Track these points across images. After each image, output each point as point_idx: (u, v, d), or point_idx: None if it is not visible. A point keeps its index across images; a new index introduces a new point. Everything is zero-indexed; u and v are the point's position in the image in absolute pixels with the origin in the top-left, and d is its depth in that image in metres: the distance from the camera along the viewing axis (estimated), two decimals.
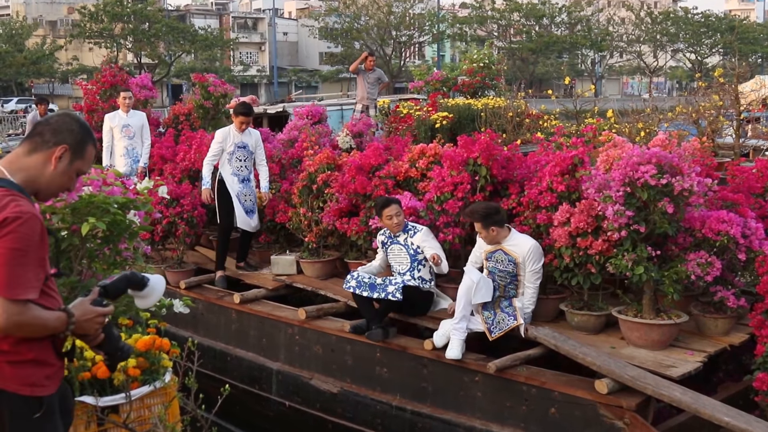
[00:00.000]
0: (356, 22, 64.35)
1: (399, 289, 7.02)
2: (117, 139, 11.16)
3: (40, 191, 3.11)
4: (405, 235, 7.34)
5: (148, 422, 4.42)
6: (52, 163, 3.05)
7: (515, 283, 6.77)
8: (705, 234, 6.32)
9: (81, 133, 3.12)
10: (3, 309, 2.80)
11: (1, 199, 2.85)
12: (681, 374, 5.70)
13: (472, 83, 17.08)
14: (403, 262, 7.37)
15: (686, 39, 69.06)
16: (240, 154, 9.09)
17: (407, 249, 7.31)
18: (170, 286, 9.07)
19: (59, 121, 3.11)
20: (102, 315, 3.14)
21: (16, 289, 2.80)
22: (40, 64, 58.47)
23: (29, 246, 2.83)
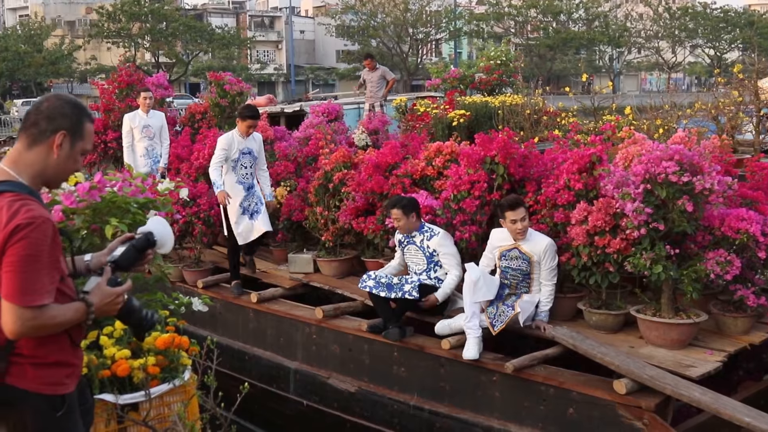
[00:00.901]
0: (373, 20, 64.39)
1: (416, 287, 7.00)
2: (137, 140, 11.18)
3: (50, 181, 3.10)
4: (421, 236, 7.30)
5: (167, 420, 4.43)
6: (54, 152, 3.02)
7: (527, 281, 6.75)
8: (724, 232, 6.26)
9: (75, 113, 3.07)
10: (17, 316, 2.81)
11: (12, 205, 2.83)
12: (700, 374, 5.64)
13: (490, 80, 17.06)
14: (419, 262, 7.34)
15: (705, 34, 68.67)
16: (245, 160, 8.77)
17: (423, 251, 7.28)
18: (188, 285, 9.11)
19: (50, 106, 3.05)
20: (120, 294, 3.15)
21: (30, 295, 2.81)
22: (58, 64, 58.81)
23: (41, 251, 2.82)
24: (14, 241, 2.78)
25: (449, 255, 7.19)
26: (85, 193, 4.74)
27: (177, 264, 9.34)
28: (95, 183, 4.84)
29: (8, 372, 2.95)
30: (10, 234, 2.78)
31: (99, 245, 4.75)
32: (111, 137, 13.30)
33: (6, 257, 2.79)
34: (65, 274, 3.05)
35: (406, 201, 7.33)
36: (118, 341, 4.56)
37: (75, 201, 4.70)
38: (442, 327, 6.83)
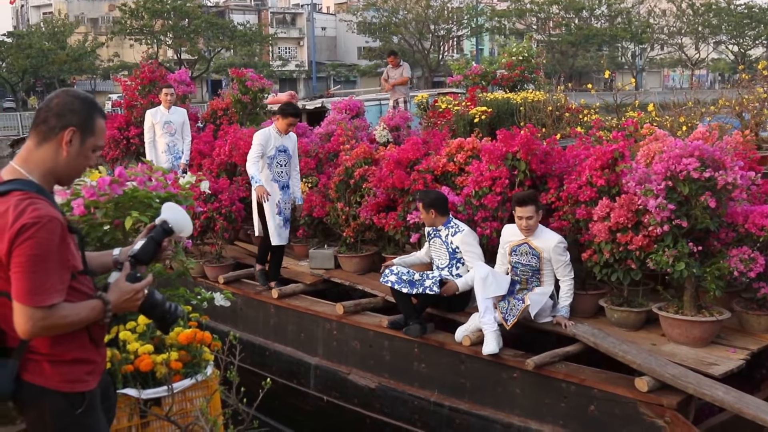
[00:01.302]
0: (394, 17, 64.37)
1: (436, 282, 6.98)
2: (158, 136, 11.22)
3: (61, 178, 3.07)
4: (447, 231, 7.29)
5: (189, 415, 4.43)
6: (64, 150, 2.99)
7: (537, 277, 6.74)
8: (748, 229, 6.21)
9: (84, 109, 3.03)
10: (28, 316, 2.81)
11: (19, 204, 2.81)
12: (723, 372, 5.60)
13: (511, 77, 16.97)
14: (442, 257, 7.33)
15: (729, 30, 68.16)
16: (281, 158, 8.60)
17: (447, 246, 7.27)
18: (209, 281, 9.13)
19: (60, 102, 3.01)
20: (140, 290, 3.13)
21: (40, 295, 2.80)
22: (81, 61, 59.15)
23: (49, 250, 2.81)
24: (21, 241, 2.76)
25: (472, 253, 7.17)
26: (106, 186, 4.75)
27: (198, 260, 9.37)
28: (116, 177, 4.85)
29: (26, 369, 2.96)
30: (16, 234, 2.76)
31: (121, 239, 4.77)
32: (133, 133, 13.36)
33: (14, 258, 2.78)
34: (77, 271, 3.02)
35: (427, 197, 7.31)
36: (141, 336, 4.58)
37: (96, 194, 4.71)
38: (460, 334, 6.80)
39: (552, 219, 7.13)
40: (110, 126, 13.53)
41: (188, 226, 3.41)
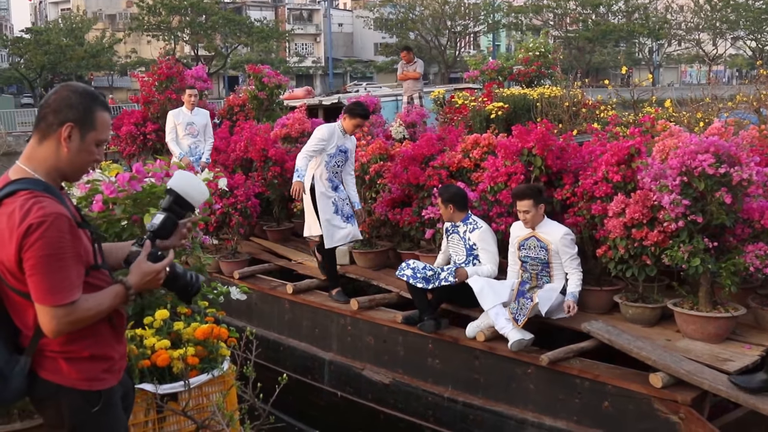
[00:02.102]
0: (411, 13, 64.32)
1: (452, 272, 6.99)
2: (180, 137, 11.12)
3: (66, 175, 3.02)
4: (465, 227, 7.30)
5: (206, 410, 4.44)
6: (63, 146, 2.93)
7: (547, 270, 6.75)
8: (764, 225, 6.17)
9: (83, 103, 2.95)
10: (52, 316, 2.80)
11: (24, 204, 2.79)
12: (738, 368, 5.57)
13: (528, 72, 16.96)
14: (459, 253, 7.34)
15: (746, 26, 67.62)
16: (339, 158, 8.06)
17: (464, 242, 7.27)
18: (225, 276, 9.16)
19: (57, 98, 2.95)
20: (162, 270, 3.07)
21: (60, 294, 2.79)
22: (99, 57, 59.35)
23: (62, 248, 2.79)
24: (31, 243, 2.75)
25: (487, 251, 7.16)
26: (125, 183, 4.78)
27: (214, 255, 9.40)
28: (135, 173, 4.88)
29: (42, 366, 2.96)
30: (24, 235, 2.75)
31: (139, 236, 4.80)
32: (150, 129, 13.43)
33: (27, 261, 2.77)
34: (91, 266, 2.98)
35: (447, 192, 7.33)
36: (158, 332, 4.60)
37: (115, 191, 4.73)
38: (471, 330, 6.80)
39: (567, 215, 7.12)
40: (127, 122, 13.60)
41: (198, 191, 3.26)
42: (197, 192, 3.24)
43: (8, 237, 2.79)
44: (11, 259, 2.80)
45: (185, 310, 5.01)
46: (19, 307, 2.92)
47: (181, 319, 4.83)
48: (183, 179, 3.23)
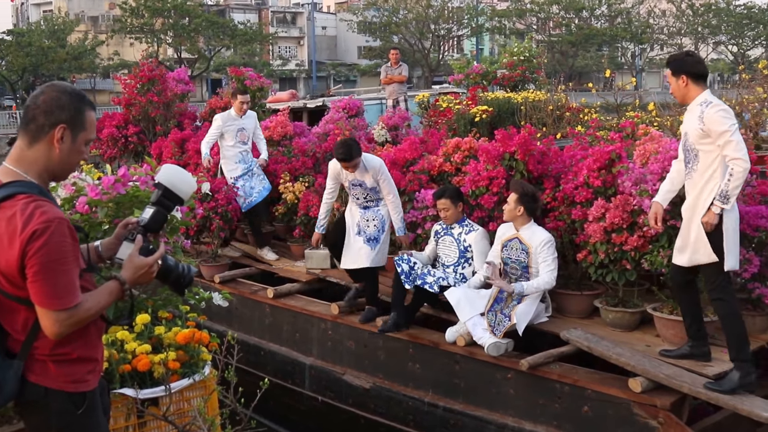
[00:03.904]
0: (395, 16, 64.30)
1: (438, 282, 6.99)
2: (230, 145, 9.94)
3: (56, 175, 3.03)
4: (460, 229, 7.29)
5: (187, 415, 4.44)
6: (56, 147, 2.94)
7: (526, 276, 6.75)
8: (743, 230, 6.21)
9: (73, 103, 2.96)
10: (55, 319, 2.82)
11: (26, 208, 2.80)
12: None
13: (512, 76, 17.00)
14: (450, 255, 7.32)
15: (728, 31, 68.03)
16: (358, 191, 7.69)
17: (458, 244, 7.27)
18: (205, 280, 9.13)
19: (47, 99, 2.94)
20: (154, 263, 3.11)
21: (64, 298, 2.82)
22: (81, 60, 58.99)
23: (65, 252, 2.81)
24: (36, 249, 2.75)
25: (482, 255, 7.16)
26: (109, 186, 4.76)
27: (194, 259, 9.35)
28: (119, 177, 4.86)
29: (31, 370, 2.95)
30: (28, 240, 2.75)
31: None
32: (132, 132, 13.34)
33: (31, 267, 2.77)
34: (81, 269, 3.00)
35: (452, 189, 7.33)
36: (139, 336, 4.59)
37: (100, 193, 4.72)
38: (451, 335, 6.81)
39: (548, 219, 7.13)
40: (108, 124, 13.52)
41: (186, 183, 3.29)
42: (186, 185, 3.27)
43: (8, 242, 2.80)
44: (12, 265, 2.80)
45: (166, 314, 5.01)
46: (8, 311, 2.92)
47: (162, 324, 4.82)
48: (171, 173, 3.26)
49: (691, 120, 5.44)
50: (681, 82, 5.51)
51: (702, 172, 5.40)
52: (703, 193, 5.38)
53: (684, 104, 5.61)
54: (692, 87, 5.49)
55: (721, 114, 5.27)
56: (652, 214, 5.79)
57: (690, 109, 5.49)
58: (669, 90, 5.83)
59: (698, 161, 5.41)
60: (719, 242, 5.34)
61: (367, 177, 7.53)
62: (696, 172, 5.44)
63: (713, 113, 5.27)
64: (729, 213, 5.32)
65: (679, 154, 5.75)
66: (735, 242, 5.42)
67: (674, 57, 5.73)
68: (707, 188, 5.34)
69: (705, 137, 5.33)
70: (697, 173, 5.43)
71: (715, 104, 5.35)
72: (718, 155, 5.29)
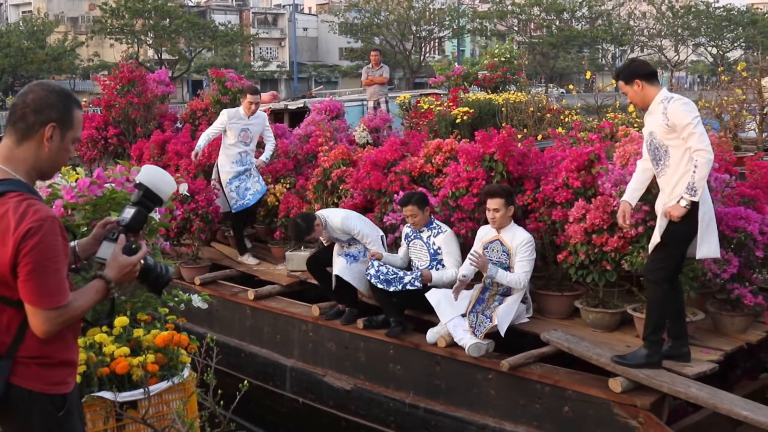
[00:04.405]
0: (376, 18, 64.35)
1: (417, 277, 6.99)
2: (231, 143, 9.66)
3: (44, 173, 3.04)
4: (429, 232, 7.30)
5: (166, 418, 4.42)
6: (45, 146, 2.94)
7: None
8: (722, 231, 6.24)
9: (62, 102, 2.97)
10: (46, 318, 2.82)
11: (18, 206, 2.79)
12: (696, 373, 5.63)
13: (493, 78, 17.03)
14: (422, 258, 7.33)
15: (708, 33, 68.50)
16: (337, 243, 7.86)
17: (428, 247, 7.27)
18: (185, 282, 9.10)
19: (36, 98, 2.93)
20: (137, 262, 3.12)
21: (56, 297, 2.81)
22: (61, 61, 58.70)
23: (57, 251, 2.81)
24: (30, 247, 2.75)
25: (451, 255, 7.19)
26: (85, 188, 4.74)
27: (175, 261, 9.32)
28: (95, 179, 4.84)
29: (15, 373, 2.93)
30: (22, 238, 2.75)
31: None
32: (111, 133, 13.26)
33: (25, 265, 2.77)
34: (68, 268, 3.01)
35: (418, 196, 7.32)
36: (117, 339, 4.56)
37: (76, 196, 4.69)
38: (432, 336, 6.81)
39: (528, 220, 7.14)
40: (88, 126, 13.43)
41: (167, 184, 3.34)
42: (166, 185, 3.32)
43: (0, 241, 2.79)
44: (3, 263, 2.80)
45: (145, 317, 4.98)
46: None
47: (140, 326, 4.79)
48: (152, 173, 3.30)
49: (655, 118, 5.55)
50: (637, 87, 5.63)
51: (675, 167, 5.47)
52: (677, 188, 5.45)
53: (645, 108, 5.70)
54: (648, 88, 5.60)
55: (683, 107, 5.38)
56: (621, 213, 5.88)
57: (651, 110, 5.59)
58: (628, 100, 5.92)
59: (669, 157, 5.49)
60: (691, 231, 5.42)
61: (339, 234, 7.66)
62: (669, 167, 5.52)
63: (676, 107, 5.38)
64: (702, 203, 5.39)
65: (643, 154, 5.83)
66: (710, 231, 5.51)
67: (621, 68, 5.91)
68: (682, 182, 5.40)
69: (671, 132, 5.42)
70: (670, 169, 5.50)
71: (676, 98, 5.48)
72: (687, 149, 5.35)
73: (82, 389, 4.21)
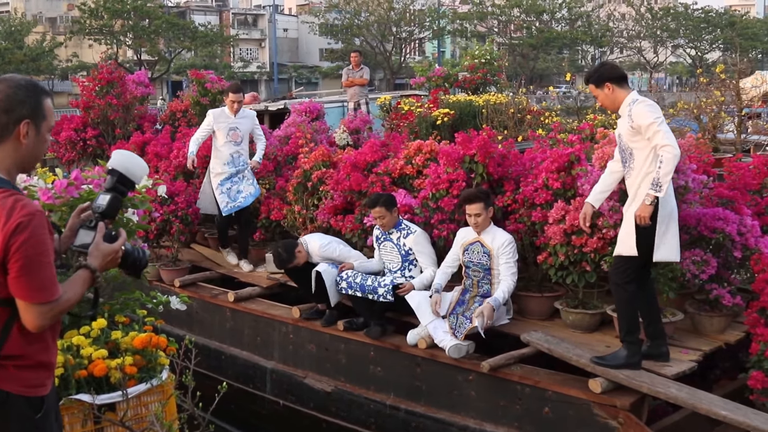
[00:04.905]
0: (356, 18, 64.44)
1: (389, 291, 7.00)
2: (221, 144, 9.35)
3: (25, 167, 3.03)
4: (398, 233, 7.30)
5: (144, 420, 4.41)
6: (22, 144, 2.92)
7: (488, 278, 6.78)
8: (701, 232, 6.29)
9: (31, 96, 2.93)
10: (39, 312, 2.81)
11: (5, 202, 2.78)
12: (676, 373, 5.66)
13: (474, 79, 17.06)
14: (393, 260, 7.33)
15: (686, 35, 69.09)
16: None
17: (399, 248, 7.27)
18: (165, 284, 9.05)
19: (4, 96, 2.88)
20: (119, 248, 3.12)
21: (47, 290, 2.80)
22: (39, 61, 58.36)
23: (46, 244, 2.80)
24: (20, 243, 2.73)
25: (424, 254, 7.20)
26: (62, 190, 4.70)
27: (154, 263, 9.28)
28: (72, 180, 4.80)
29: None
30: (12, 233, 2.73)
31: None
32: (90, 135, 13.20)
33: (16, 261, 2.75)
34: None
35: (385, 197, 7.33)
36: (95, 341, 4.53)
37: (52, 197, 4.66)
38: (412, 337, 6.81)
39: (508, 222, 7.15)
40: (67, 127, 13.37)
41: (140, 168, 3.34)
42: (138, 168, 3.32)
43: None
44: None
45: (123, 319, 4.96)
46: None
47: (119, 328, 4.77)
48: (123, 158, 3.30)
49: (622, 121, 5.63)
50: (607, 90, 5.69)
51: (639, 169, 5.54)
52: (640, 190, 5.51)
53: (616, 111, 5.77)
54: (618, 91, 5.66)
55: (647, 108, 5.44)
56: (582, 214, 5.93)
57: (620, 112, 5.67)
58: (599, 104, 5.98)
59: (633, 159, 5.57)
60: (651, 233, 5.47)
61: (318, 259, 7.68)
62: (633, 170, 5.59)
63: (640, 108, 5.45)
64: (662, 207, 5.44)
65: (615, 155, 5.89)
66: (670, 233, 5.55)
67: (591, 72, 5.94)
68: (644, 184, 5.47)
69: (636, 134, 5.48)
70: (635, 171, 5.58)
71: (641, 101, 5.54)
72: (651, 151, 5.40)
73: (60, 392, 4.19)
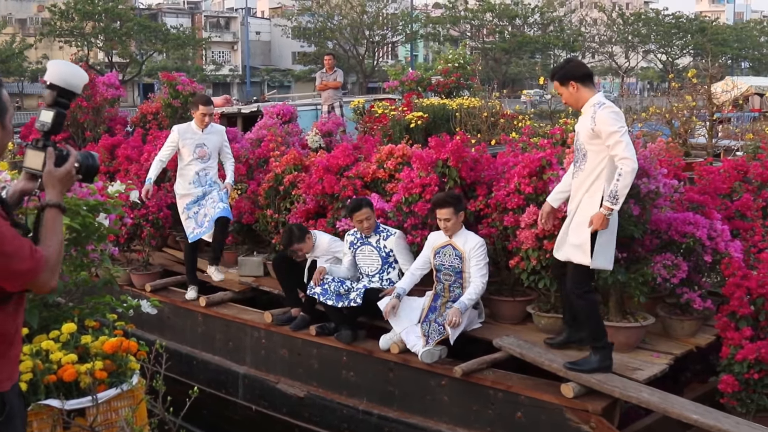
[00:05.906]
0: (329, 22, 64.44)
1: (360, 294, 6.98)
2: (186, 162, 8.55)
3: None
4: (377, 236, 7.29)
5: (115, 425, 4.39)
6: None
7: (460, 281, 6.79)
8: (671, 236, 6.33)
9: None
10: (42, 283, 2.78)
11: None
12: (647, 377, 5.70)
13: (447, 83, 17.11)
14: (373, 264, 7.32)
15: (657, 40, 69.75)
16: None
17: (379, 251, 7.26)
18: (136, 289, 8.98)
19: None
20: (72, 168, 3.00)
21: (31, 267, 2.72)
22: (9, 63, 57.87)
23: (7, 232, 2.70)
24: None
25: (405, 256, 7.21)
26: None
27: (125, 267, 9.21)
28: None
29: None
30: None
31: None
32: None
33: None
34: None
35: (368, 200, 7.36)
36: (65, 346, 4.50)
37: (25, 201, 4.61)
38: (385, 342, 6.80)
39: (481, 226, 7.16)
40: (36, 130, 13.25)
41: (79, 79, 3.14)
42: (77, 78, 3.14)
43: None
44: None
45: (93, 323, 4.92)
46: None
47: (88, 333, 4.73)
48: (59, 70, 3.11)
49: (583, 120, 5.61)
50: (571, 88, 5.68)
51: (589, 172, 5.56)
52: (588, 193, 5.55)
53: (578, 109, 5.76)
54: (583, 90, 5.65)
55: (612, 115, 5.41)
56: (540, 214, 5.95)
57: (584, 110, 5.64)
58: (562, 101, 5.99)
59: (586, 161, 5.57)
60: (593, 241, 5.52)
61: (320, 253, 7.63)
62: (583, 171, 5.61)
63: (605, 114, 5.42)
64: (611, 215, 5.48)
65: None
66: (608, 242, 5.60)
67: (557, 68, 5.93)
68: (593, 188, 5.52)
69: (595, 138, 5.48)
70: (584, 173, 5.60)
71: (607, 105, 5.50)
72: (606, 156, 5.43)
73: (29, 397, 4.15)
